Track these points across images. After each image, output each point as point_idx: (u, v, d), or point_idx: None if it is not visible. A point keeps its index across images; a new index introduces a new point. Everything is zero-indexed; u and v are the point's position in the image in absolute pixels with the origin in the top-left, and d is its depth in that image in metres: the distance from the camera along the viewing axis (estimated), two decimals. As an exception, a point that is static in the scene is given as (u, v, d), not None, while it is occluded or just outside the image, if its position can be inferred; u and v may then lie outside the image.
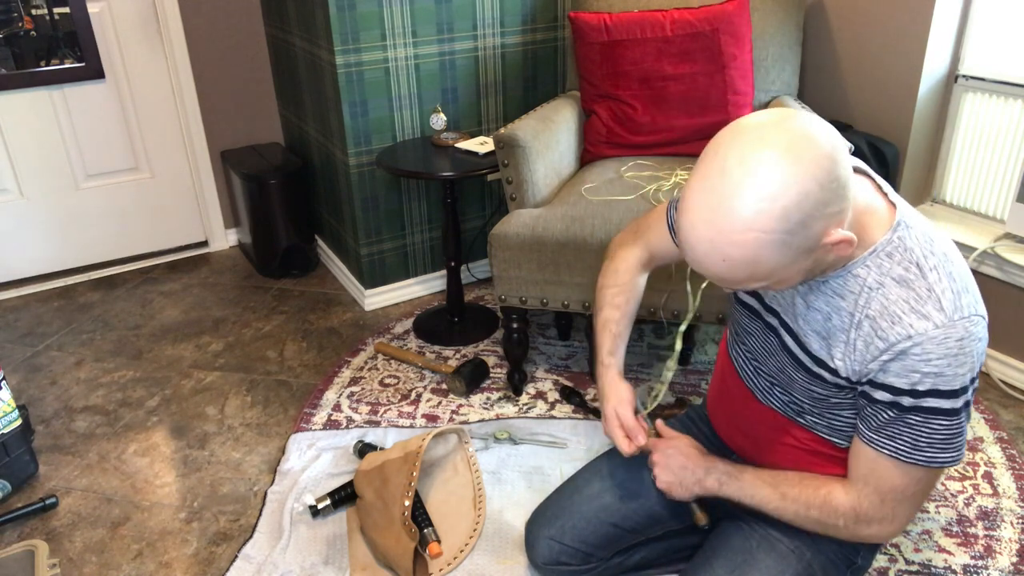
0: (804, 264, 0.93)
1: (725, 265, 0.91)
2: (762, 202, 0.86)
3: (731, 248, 0.89)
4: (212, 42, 2.85)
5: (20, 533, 1.72)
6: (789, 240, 0.88)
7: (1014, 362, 2.10)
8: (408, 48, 2.36)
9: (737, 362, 1.29)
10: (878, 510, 1.07)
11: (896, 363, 0.97)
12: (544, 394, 2.13)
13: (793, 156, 0.86)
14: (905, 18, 2.13)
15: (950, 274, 0.97)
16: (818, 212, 0.88)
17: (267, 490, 1.81)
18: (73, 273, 2.94)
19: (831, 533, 1.13)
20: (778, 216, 0.86)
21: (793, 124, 0.89)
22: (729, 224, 0.88)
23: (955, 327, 0.94)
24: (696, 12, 2.08)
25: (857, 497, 1.08)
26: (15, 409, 1.82)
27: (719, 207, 0.88)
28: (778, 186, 0.86)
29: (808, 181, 0.86)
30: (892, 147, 2.17)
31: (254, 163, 2.82)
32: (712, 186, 0.89)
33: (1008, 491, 1.74)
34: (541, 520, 1.41)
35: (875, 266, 1.00)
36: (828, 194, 0.88)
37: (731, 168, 0.88)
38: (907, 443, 1.01)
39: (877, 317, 0.99)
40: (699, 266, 0.94)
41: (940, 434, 0.99)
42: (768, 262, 0.90)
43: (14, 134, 2.68)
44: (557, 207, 1.94)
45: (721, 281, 0.95)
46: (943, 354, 0.94)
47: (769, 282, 0.95)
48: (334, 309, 2.66)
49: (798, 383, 1.13)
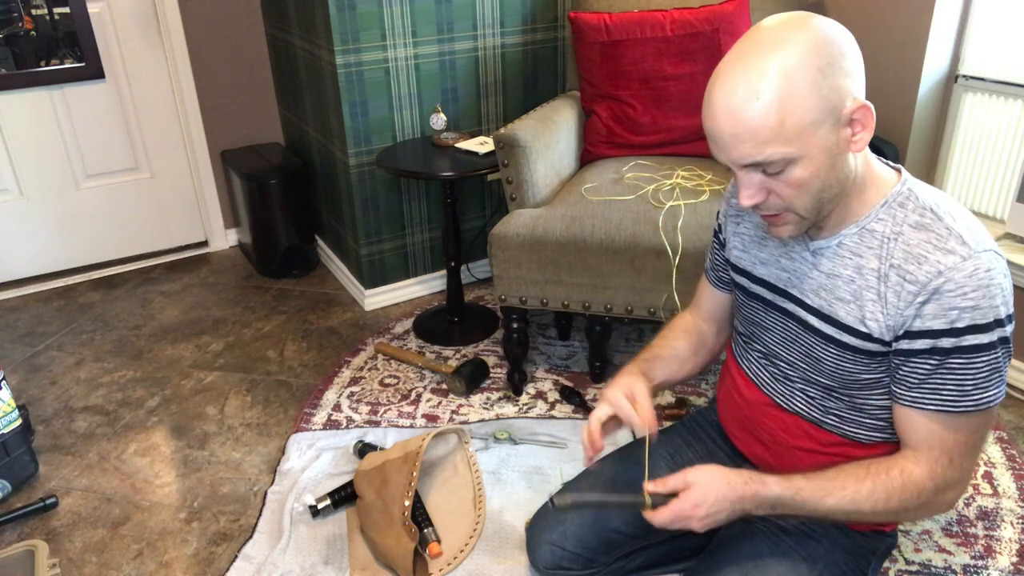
0: (829, 135, 0.94)
1: (756, 107, 0.92)
2: (792, 41, 0.92)
3: (763, 81, 0.91)
4: (212, 42, 2.85)
5: (20, 533, 1.72)
6: (820, 81, 0.91)
7: (1014, 362, 2.10)
8: (408, 48, 2.36)
9: (751, 370, 1.26)
10: (953, 472, 1.02)
11: (931, 304, 0.96)
12: (544, 394, 2.13)
13: (810, 19, 0.95)
14: (905, 18, 2.13)
15: (963, 215, 1.00)
16: (843, 65, 0.93)
17: (267, 490, 1.81)
18: (73, 273, 2.94)
19: (908, 517, 1.07)
20: (807, 52, 0.91)
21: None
22: (760, 61, 0.92)
23: (981, 258, 0.95)
24: (696, 12, 2.08)
25: (929, 466, 1.02)
26: (15, 409, 1.82)
27: (750, 55, 0.94)
28: (805, 35, 0.92)
29: (828, 33, 0.93)
30: (892, 147, 2.17)
31: (254, 163, 2.82)
32: (743, 53, 0.95)
33: (1008, 491, 1.74)
34: (542, 525, 1.40)
35: (889, 217, 1.02)
36: (850, 52, 0.94)
37: (758, 40, 0.94)
38: (953, 390, 0.99)
39: (902, 263, 0.99)
40: (729, 121, 0.94)
41: (983, 373, 0.97)
42: (800, 106, 0.91)
43: (14, 134, 2.68)
44: (557, 207, 1.94)
45: (749, 139, 0.93)
46: (976, 285, 0.94)
47: (795, 148, 0.93)
48: (334, 309, 2.66)
49: (827, 364, 1.10)
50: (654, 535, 1.36)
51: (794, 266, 1.12)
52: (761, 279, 1.18)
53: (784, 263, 1.14)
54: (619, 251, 1.83)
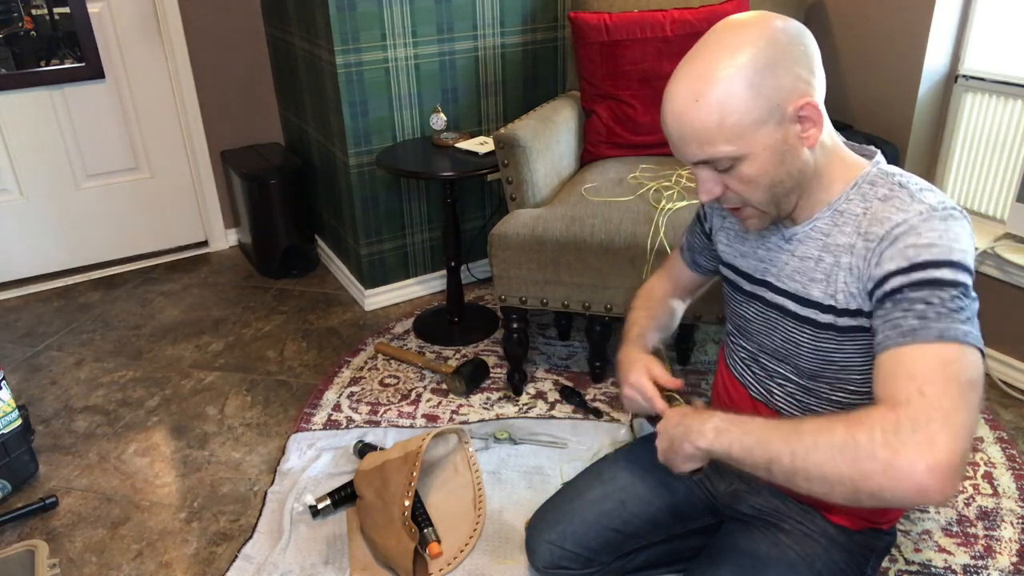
0: (773, 133, 0.96)
1: (696, 108, 0.96)
2: (735, 44, 0.95)
3: (702, 84, 0.95)
4: (212, 42, 2.85)
5: (20, 533, 1.72)
6: (759, 82, 0.94)
7: (1014, 362, 2.10)
8: (408, 48, 2.36)
9: (737, 371, 1.29)
10: (924, 404, 0.84)
11: (890, 248, 0.96)
12: (544, 394, 2.13)
13: (762, 19, 0.97)
14: (905, 18, 2.13)
15: (932, 188, 1.01)
16: (786, 64, 0.95)
17: (267, 490, 1.81)
18: (73, 273, 2.94)
19: (866, 467, 0.84)
20: (748, 53, 0.94)
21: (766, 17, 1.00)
22: (703, 64, 0.96)
23: (940, 212, 0.95)
24: (696, 12, 2.08)
25: (892, 394, 0.88)
26: (15, 409, 1.82)
27: (696, 59, 0.98)
28: (749, 36, 0.96)
29: (777, 33, 0.95)
30: (892, 147, 2.17)
31: (254, 163, 2.82)
32: (691, 56, 1.00)
33: (1008, 491, 1.74)
34: (542, 525, 1.40)
35: (859, 196, 1.04)
36: (796, 51, 0.96)
37: (707, 43, 0.98)
38: (915, 320, 0.91)
39: (867, 229, 1.00)
40: (675, 123, 0.99)
41: (947, 306, 0.90)
42: (738, 107, 0.94)
43: (14, 134, 2.68)
44: (557, 207, 1.94)
45: (693, 139, 0.98)
46: (933, 228, 0.94)
47: (737, 147, 0.97)
48: (334, 309, 2.66)
49: (804, 347, 1.12)
50: (653, 534, 1.36)
51: (770, 255, 1.15)
52: (742, 271, 1.21)
53: (761, 253, 1.17)
54: (619, 251, 1.83)
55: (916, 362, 0.88)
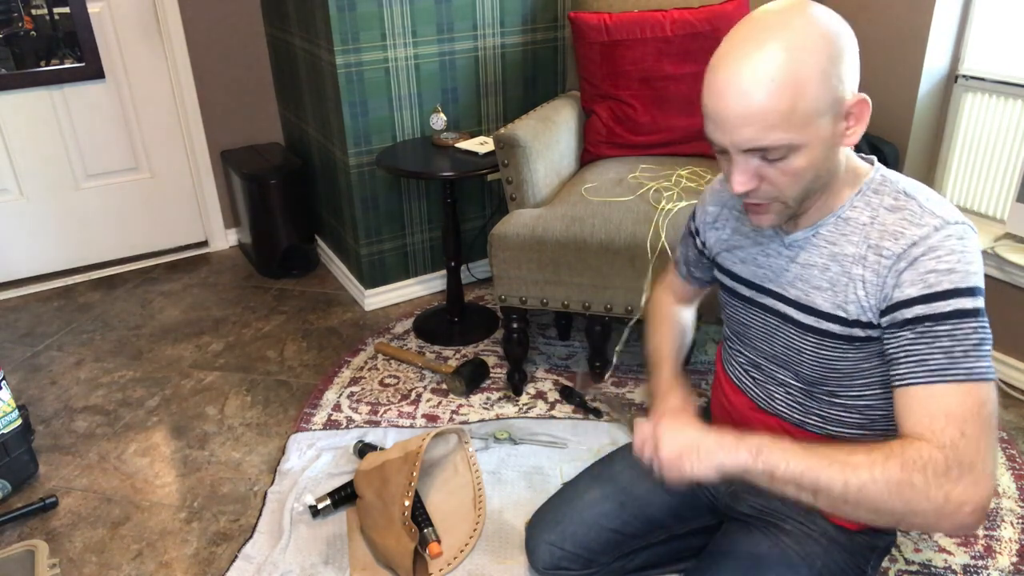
0: (829, 126, 0.94)
1: (768, 89, 0.90)
2: (808, 29, 0.91)
3: (776, 66, 0.89)
4: (212, 42, 2.85)
5: (20, 533, 1.72)
6: (831, 71, 0.91)
7: (1014, 362, 2.10)
8: (408, 48, 2.36)
9: (735, 376, 1.28)
10: (968, 447, 0.89)
11: (910, 271, 0.96)
12: (544, 394, 2.13)
13: (815, 11, 0.94)
14: (905, 18, 2.13)
15: (936, 196, 1.01)
16: (848, 57, 0.93)
17: (267, 490, 1.81)
18: (73, 273, 2.94)
19: (918, 507, 0.89)
20: (826, 39, 0.91)
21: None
22: (778, 45, 0.90)
23: (954, 228, 0.96)
24: (696, 12, 2.08)
25: (935, 436, 0.90)
26: (15, 409, 1.82)
27: (764, 39, 0.91)
28: (814, 22, 0.92)
29: (840, 23, 0.94)
30: (892, 147, 2.17)
31: (254, 163, 2.82)
32: (754, 35, 0.92)
33: (1008, 491, 1.74)
34: (541, 525, 1.40)
35: (864, 204, 1.03)
36: (851, 44, 0.95)
37: (769, 24, 0.93)
38: (942, 359, 0.93)
39: (879, 242, 0.99)
40: (738, 102, 0.91)
41: (971, 340, 0.93)
42: (810, 94, 0.90)
43: (14, 134, 2.68)
44: (557, 207, 1.94)
45: (757, 122, 0.91)
46: (951, 249, 0.94)
47: (799, 136, 0.92)
48: (334, 309, 2.66)
49: (806, 355, 1.11)
50: (653, 535, 1.36)
51: (770, 262, 1.14)
52: (741, 277, 1.20)
53: (760, 260, 1.15)
54: (619, 251, 1.83)
55: (951, 403, 0.92)
